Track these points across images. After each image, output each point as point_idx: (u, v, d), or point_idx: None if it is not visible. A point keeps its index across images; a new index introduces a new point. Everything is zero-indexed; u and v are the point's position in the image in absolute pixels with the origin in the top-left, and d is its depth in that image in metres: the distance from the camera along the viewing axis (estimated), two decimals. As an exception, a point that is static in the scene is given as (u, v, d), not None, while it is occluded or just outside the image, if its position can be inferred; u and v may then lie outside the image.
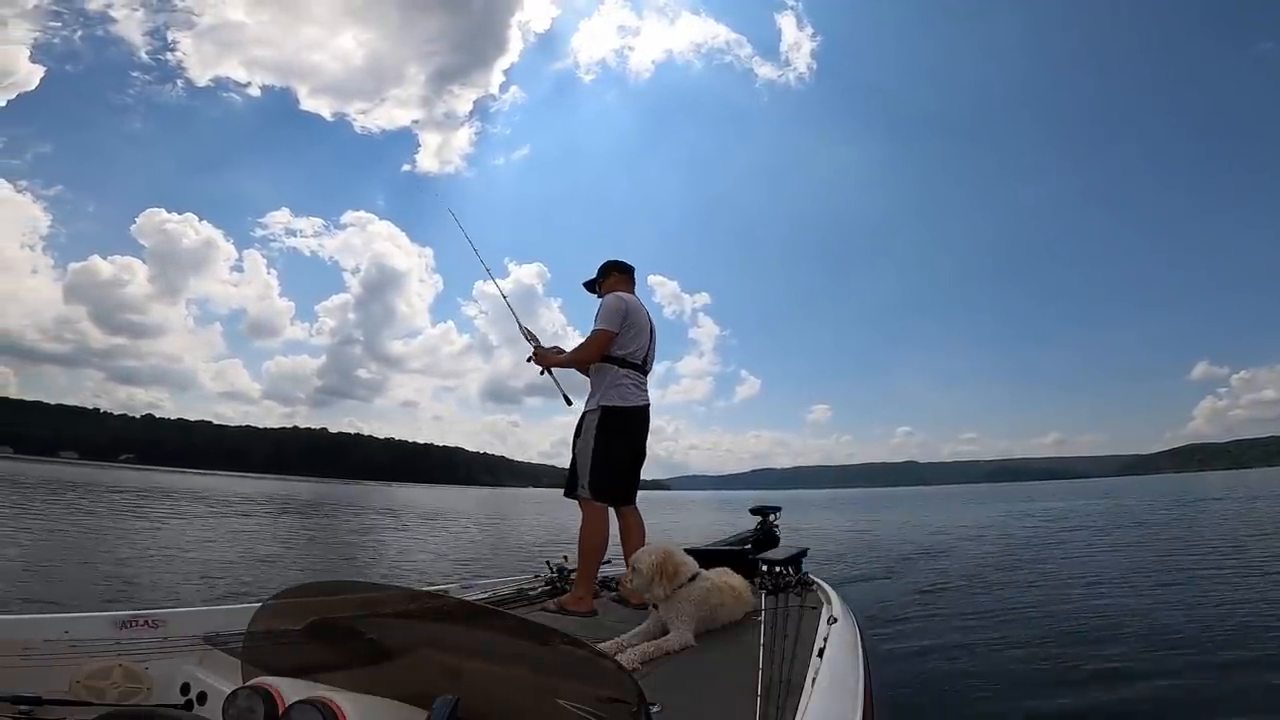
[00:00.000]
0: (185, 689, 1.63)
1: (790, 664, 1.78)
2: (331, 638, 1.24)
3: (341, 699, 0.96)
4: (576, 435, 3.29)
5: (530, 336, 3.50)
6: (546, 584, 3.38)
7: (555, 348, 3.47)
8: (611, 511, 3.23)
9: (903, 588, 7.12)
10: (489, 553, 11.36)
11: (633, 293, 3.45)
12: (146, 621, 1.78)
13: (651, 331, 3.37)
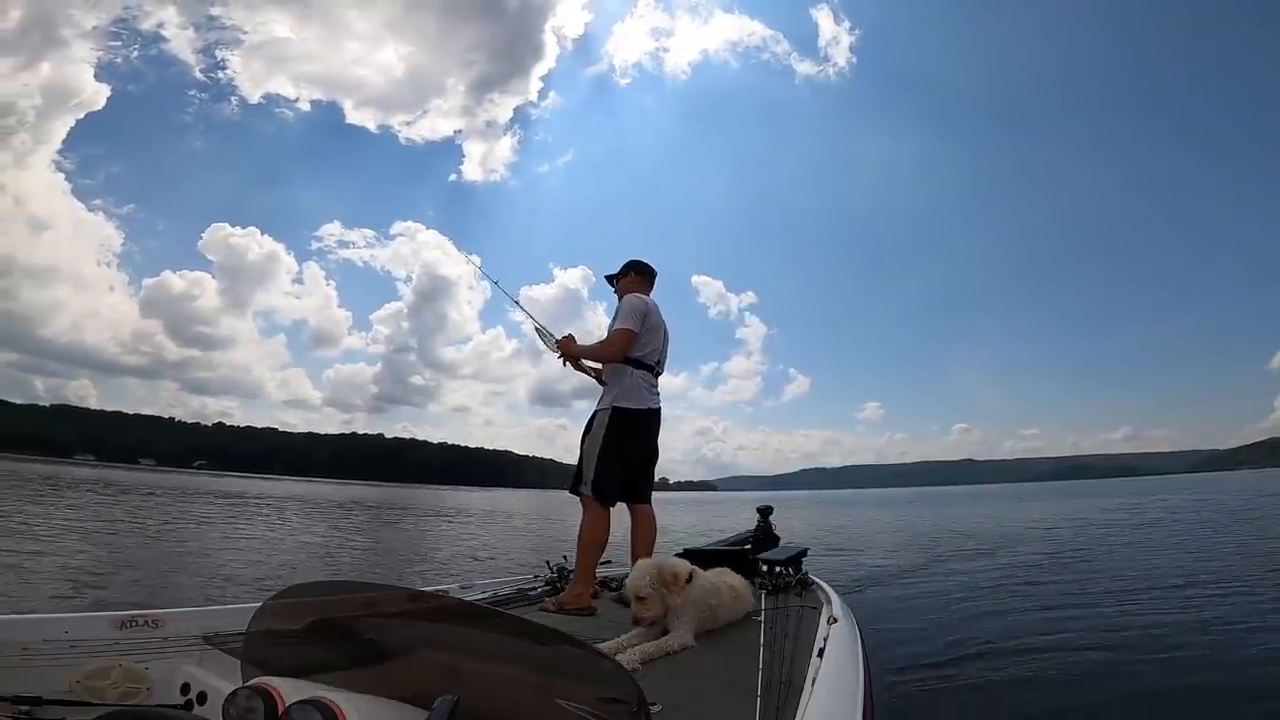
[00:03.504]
0: (185, 689, 1.63)
1: (790, 664, 1.78)
2: (331, 638, 1.24)
3: (341, 699, 0.96)
4: (586, 432, 3.30)
5: (544, 333, 3.50)
6: (546, 584, 3.38)
7: (568, 335, 3.45)
8: (623, 511, 3.26)
9: (905, 587, 7.12)
10: (542, 546, 11.65)
11: (649, 294, 3.46)
12: (146, 621, 1.78)
13: (665, 335, 3.38)
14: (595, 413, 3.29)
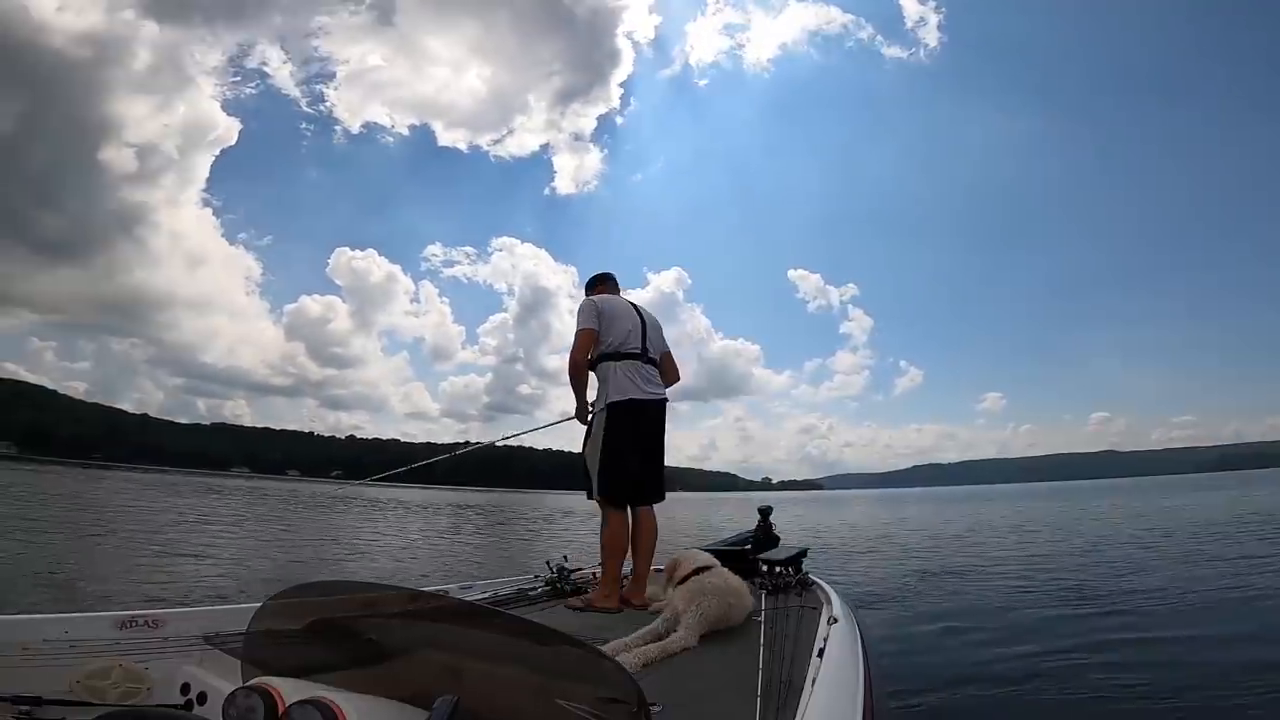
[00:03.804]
0: (185, 689, 1.63)
1: (790, 664, 1.78)
2: (331, 638, 1.24)
3: (341, 699, 0.96)
4: (586, 437, 3.31)
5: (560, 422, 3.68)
6: (546, 584, 3.38)
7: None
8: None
9: (906, 587, 7.09)
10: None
11: (617, 295, 3.56)
12: (146, 621, 1.78)
13: (641, 320, 3.39)
14: (592, 416, 3.30)
